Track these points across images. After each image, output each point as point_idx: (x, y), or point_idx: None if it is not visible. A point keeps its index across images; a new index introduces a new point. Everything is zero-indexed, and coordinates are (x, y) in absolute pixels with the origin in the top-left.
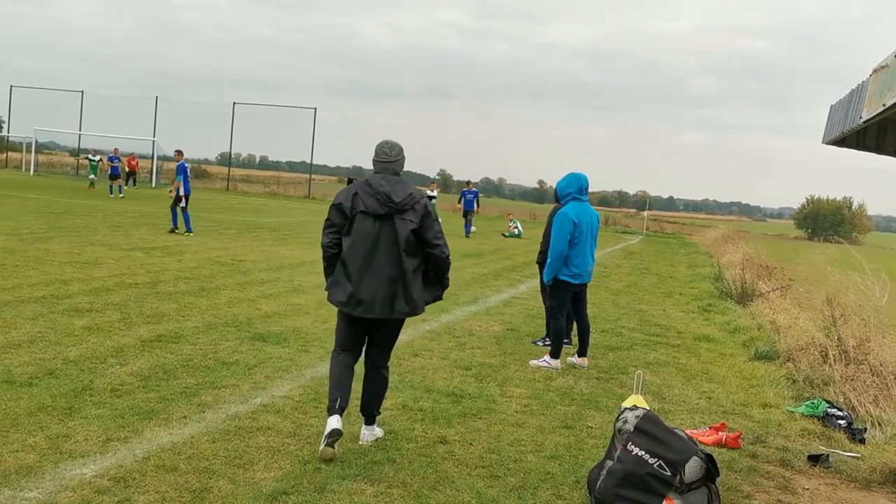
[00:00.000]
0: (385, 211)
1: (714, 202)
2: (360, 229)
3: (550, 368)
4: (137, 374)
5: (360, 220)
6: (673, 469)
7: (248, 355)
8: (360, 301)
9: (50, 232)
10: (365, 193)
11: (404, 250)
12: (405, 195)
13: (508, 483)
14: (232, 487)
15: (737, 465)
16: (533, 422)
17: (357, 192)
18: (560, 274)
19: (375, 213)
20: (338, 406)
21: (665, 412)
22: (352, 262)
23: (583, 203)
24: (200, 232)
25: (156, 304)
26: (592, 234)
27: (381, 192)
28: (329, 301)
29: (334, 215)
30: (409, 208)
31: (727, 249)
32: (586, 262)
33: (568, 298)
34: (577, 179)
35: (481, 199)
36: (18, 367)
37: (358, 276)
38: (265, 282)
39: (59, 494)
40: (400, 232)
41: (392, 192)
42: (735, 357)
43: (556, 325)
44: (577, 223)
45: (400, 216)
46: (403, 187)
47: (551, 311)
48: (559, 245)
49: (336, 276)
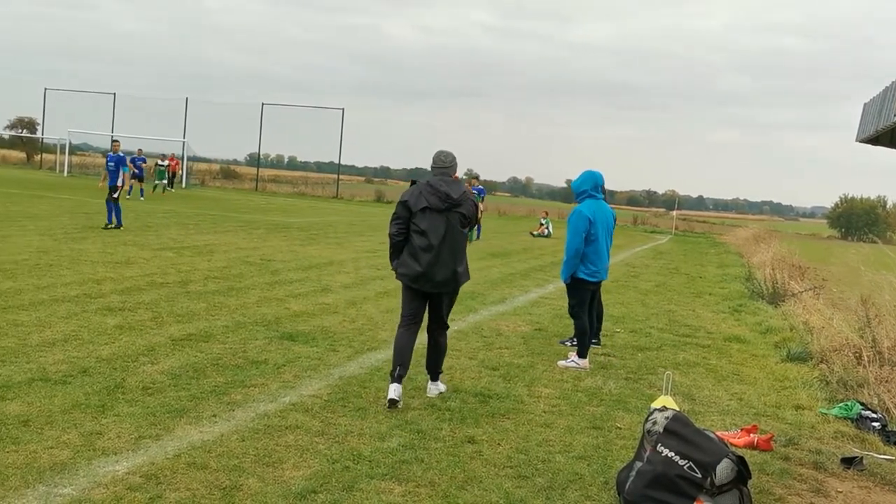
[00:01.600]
0: (445, 206)
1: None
2: (425, 221)
3: (579, 368)
4: (168, 372)
5: (425, 214)
6: (703, 471)
7: (276, 354)
8: (427, 278)
9: (83, 232)
10: (428, 193)
11: (458, 236)
12: (460, 193)
13: (537, 483)
14: (261, 485)
15: (769, 467)
16: (561, 422)
17: (421, 192)
18: (578, 272)
19: (437, 209)
20: (397, 374)
21: (695, 413)
22: (420, 248)
23: (598, 201)
24: (229, 231)
25: (186, 304)
26: (608, 232)
27: (441, 192)
28: (398, 278)
29: (401, 210)
30: (462, 203)
31: (758, 249)
32: (603, 260)
33: (587, 296)
34: (592, 177)
35: (509, 199)
36: (53, 366)
37: (425, 259)
38: (294, 281)
39: (93, 491)
40: (456, 222)
41: (450, 191)
42: (767, 358)
43: (580, 324)
44: (592, 221)
45: (456, 209)
46: (457, 187)
47: (572, 311)
48: (575, 243)
49: (404, 258)
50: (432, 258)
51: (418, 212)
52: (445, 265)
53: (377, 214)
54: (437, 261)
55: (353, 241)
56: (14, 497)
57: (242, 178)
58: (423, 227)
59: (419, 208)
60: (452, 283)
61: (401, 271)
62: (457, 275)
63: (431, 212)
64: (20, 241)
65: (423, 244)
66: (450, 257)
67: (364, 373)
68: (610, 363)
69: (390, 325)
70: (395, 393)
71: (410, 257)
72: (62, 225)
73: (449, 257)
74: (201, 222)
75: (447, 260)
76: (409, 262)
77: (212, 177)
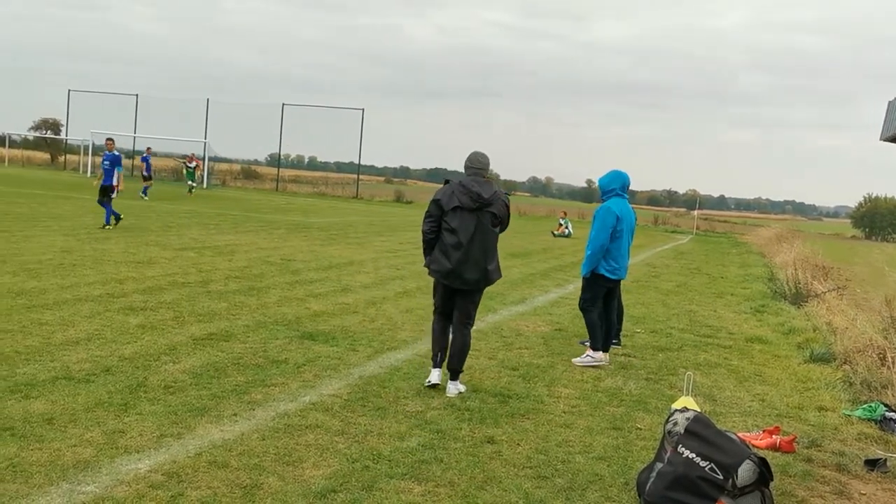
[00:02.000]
0: (476, 206)
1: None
2: (456, 220)
3: (595, 362)
4: (190, 371)
5: (456, 213)
6: (725, 472)
7: (297, 354)
8: (457, 275)
9: (106, 232)
10: (460, 192)
11: (488, 235)
12: (491, 193)
13: (556, 484)
14: (281, 484)
15: (791, 469)
16: (581, 422)
17: (454, 191)
18: (599, 268)
19: (468, 208)
20: (438, 360)
21: (716, 415)
22: (450, 245)
23: (624, 200)
24: (250, 231)
25: (207, 303)
26: (631, 232)
27: (473, 192)
28: (430, 274)
29: (434, 209)
30: (493, 203)
31: (781, 249)
32: (624, 258)
33: (602, 293)
34: (620, 177)
35: (529, 199)
36: (76, 364)
37: (455, 256)
38: (314, 281)
39: (115, 488)
40: (487, 221)
41: (481, 191)
42: (789, 359)
43: (590, 318)
44: (619, 218)
45: (487, 209)
46: (489, 187)
47: (584, 305)
48: (601, 238)
49: (436, 255)
50: (462, 256)
51: (450, 210)
52: (475, 263)
53: (397, 214)
54: (467, 258)
55: (372, 241)
56: (38, 494)
57: (263, 178)
58: (453, 226)
59: (451, 207)
60: (483, 281)
61: (433, 268)
62: (487, 272)
63: (462, 211)
64: (44, 241)
65: (453, 242)
66: (480, 255)
67: (384, 372)
68: (630, 363)
69: (410, 326)
70: (435, 377)
71: (442, 254)
72: (85, 225)
73: (479, 255)
74: (222, 222)
75: (477, 258)
76: (441, 259)
77: (233, 177)
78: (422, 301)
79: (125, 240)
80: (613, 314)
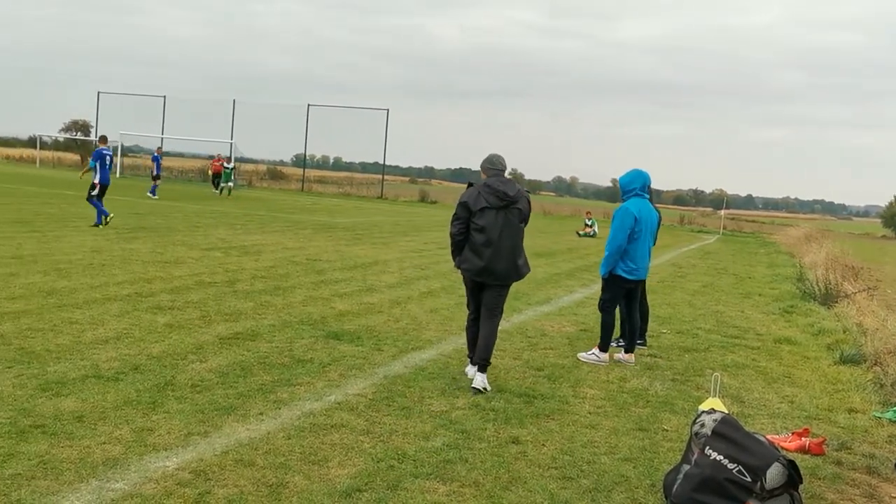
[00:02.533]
0: (503, 204)
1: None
2: (485, 219)
3: (598, 362)
4: (216, 370)
5: (484, 213)
6: (753, 475)
7: (322, 353)
8: (490, 272)
9: (134, 232)
10: (486, 193)
11: (516, 231)
12: (515, 191)
13: (582, 485)
14: (307, 483)
15: (821, 472)
16: (607, 423)
17: (479, 192)
18: (616, 268)
19: (495, 206)
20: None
21: (744, 416)
22: (480, 244)
23: (644, 200)
24: (276, 231)
25: (233, 303)
26: (652, 232)
27: (499, 191)
28: (462, 273)
29: (461, 211)
30: (518, 200)
31: (810, 249)
32: (644, 259)
33: (620, 294)
34: (640, 176)
35: (554, 199)
36: (106, 363)
37: (486, 254)
38: (339, 281)
39: (144, 486)
40: (514, 218)
41: (506, 190)
42: (819, 360)
43: (607, 319)
44: (638, 218)
45: (513, 206)
46: (512, 185)
47: (602, 305)
48: (619, 239)
49: (466, 254)
50: (493, 253)
51: (478, 211)
52: (506, 258)
53: (421, 214)
54: (498, 255)
55: (397, 241)
56: (68, 491)
57: (289, 178)
58: (482, 225)
59: (478, 208)
60: (514, 276)
61: (465, 267)
62: (518, 267)
63: (490, 210)
64: (74, 241)
65: (483, 240)
66: (510, 251)
67: (409, 372)
68: (656, 364)
69: (434, 325)
70: (472, 373)
71: (473, 253)
72: (114, 225)
73: (509, 251)
74: (249, 223)
75: (507, 253)
76: (472, 258)
77: (259, 177)
78: (446, 301)
79: (153, 240)
80: (636, 315)
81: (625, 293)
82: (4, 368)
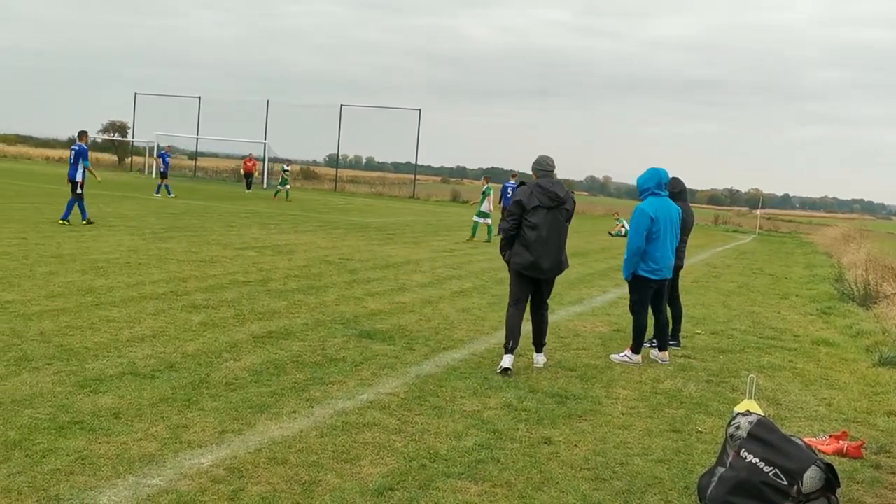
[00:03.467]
0: (553, 204)
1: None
2: (536, 217)
3: (631, 363)
4: (250, 368)
5: (537, 211)
6: (790, 478)
7: (354, 352)
8: (538, 267)
9: (169, 231)
10: (539, 193)
11: (562, 229)
12: (564, 193)
13: (614, 486)
14: (339, 482)
15: (859, 475)
16: (640, 424)
17: (532, 192)
18: (639, 269)
19: (547, 206)
20: (510, 347)
21: (781, 419)
22: (532, 240)
23: (662, 198)
24: (309, 231)
25: (267, 302)
26: (673, 229)
27: (551, 192)
28: (512, 267)
29: (515, 208)
30: (566, 201)
31: (848, 249)
32: (666, 258)
33: (649, 294)
34: (656, 174)
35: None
36: (142, 360)
37: (537, 250)
38: (371, 280)
39: (179, 482)
40: (562, 217)
41: (557, 191)
42: (857, 362)
43: (639, 321)
44: (654, 218)
45: (562, 206)
46: (561, 187)
47: (632, 308)
48: (635, 241)
49: (517, 249)
50: (543, 249)
51: (531, 209)
52: (552, 255)
53: (453, 214)
54: (547, 251)
55: (429, 240)
56: (106, 486)
57: (322, 178)
58: (534, 222)
59: (531, 206)
60: (557, 270)
61: (514, 260)
62: (561, 263)
63: (541, 209)
64: (112, 241)
65: (534, 237)
66: (556, 248)
67: (440, 372)
68: (690, 365)
69: (466, 325)
70: (508, 362)
71: (524, 248)
72: (150, 225)
73: (555, 248)
74: (282, 222)
75: (554, 251)
76: (523, 253)
77: (292, 178)
78: (478, 301)
79: (188, 239)
80: (664, 314)
81: (650, 293)
82: (44, 365)
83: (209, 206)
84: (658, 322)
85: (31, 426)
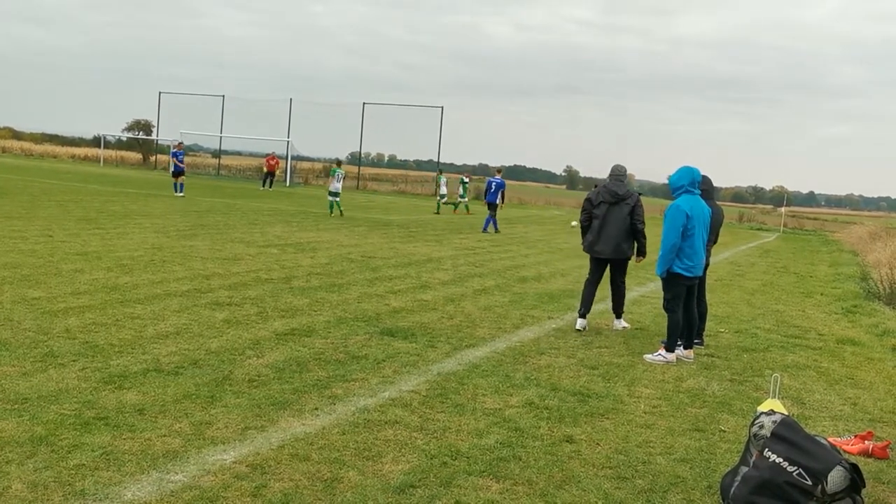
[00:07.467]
0: (614, 200)
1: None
2: (600, 210)
3: (666, 362)
4: (273, 365)
5: (601, 206)
6: (814, 478)
7: (376, 350)
8: (597, 249)
9: (193, 229)
10: (604, 191)
11: (622, 221)
12: (624, 191)
13: (637, 485)
14: (361, 478)
15: (884, 476)
16: (662, 423)
17: (599, 191)
18: (674, 267)
19: (609, 202)
20: (582, 312)
21: (805, 418)
22: (596, 228)
23: (695, 196)
24: (331, 228)
25: (289, 299)
26: (705, 228)
27: (612, 191)
28: (585, 251)
29: (586, 205)
30: (626, 198)
31: (875, 247)
32: (699, 255)
33: (683, 292)
34: (689, 173)
35: None
36: (166, 357)
37: (602, 237)
38: (393, 278)
39: (202, 478)
40: (623, 212)
41: (617, 190)
42: (884, 362)
43: (673, 319)
44: (690, 216)
45: (623, 202)
46: (623, 187)
47: (667, 305)
48: (672, 237)
49: (589, 237)
50: (602, 235)
51: (597, 204)
52: (611, 240)
53: (476, 212)
54: (605, 237)
55: (451, 238)
56: (130, 482)
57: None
58: (598, 214)
59: (597, 202)
60: (616, 254)
61: (584, 243)
62: (621, 249)
63: (604, 204)
64: (137, 238)
65: (597, 226)
66: (615, 236)
67: (462, 369)
68: (713, 364)
69: (488, 323)
70: (580, 325)
71: (590, 234)
72: (174, 223)
73: (614, 235)
74: (304, 220)
75: (612, 237)
76: (588, 237)
77: (314, 175)
78: (500, 299)
79: (211, 237)
80: (693, 312)
81: (685, 291)
82: (70, 361)
83: (232, 203)
84: (687, 320)
85: (56, 422)
